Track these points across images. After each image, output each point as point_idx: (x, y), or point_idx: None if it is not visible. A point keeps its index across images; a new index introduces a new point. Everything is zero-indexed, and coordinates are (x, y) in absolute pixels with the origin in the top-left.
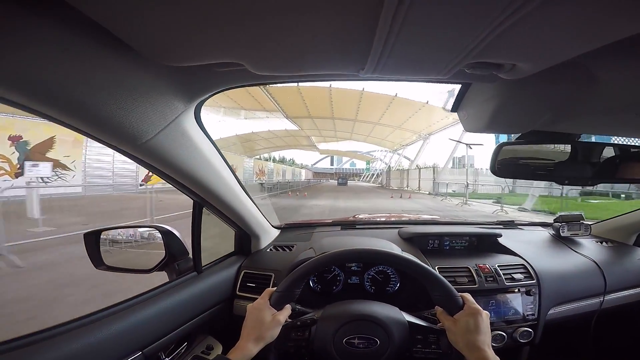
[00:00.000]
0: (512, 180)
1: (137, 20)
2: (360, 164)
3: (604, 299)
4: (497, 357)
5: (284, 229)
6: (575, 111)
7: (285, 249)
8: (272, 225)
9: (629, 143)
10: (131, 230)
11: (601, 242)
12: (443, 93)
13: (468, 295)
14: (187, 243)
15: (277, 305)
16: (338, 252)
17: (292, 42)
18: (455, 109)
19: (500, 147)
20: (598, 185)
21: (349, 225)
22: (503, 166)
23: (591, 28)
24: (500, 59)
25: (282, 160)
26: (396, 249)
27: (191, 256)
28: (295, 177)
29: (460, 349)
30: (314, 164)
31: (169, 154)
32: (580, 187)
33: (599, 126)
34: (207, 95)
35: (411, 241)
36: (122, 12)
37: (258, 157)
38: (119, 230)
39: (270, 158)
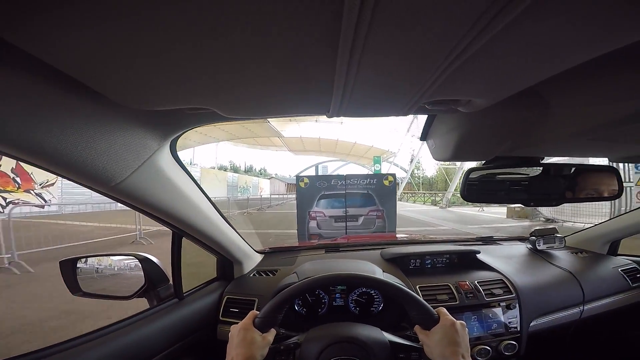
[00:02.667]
0: None
1: (105, 70)
2: (354, 168)
3: (584, 309)
4: None
5: (268, 253)
6: (533, 137)
7: (269, 273)
8: (255, 250)
9: (589, 163)
10: (110, 258)
11: (576, 253)
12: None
13: (443, 309)
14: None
15: (261, 328)
16: (316, 278)
17: (257, 91)
18: (423, 138)
19: (469, 173)
20: None
21: (333, 248)
22: (472, 190)
23: (537, 61)
24: (454, 96)
25: (249, 170)
26: (377, 271)
27: (172, 283)
28: (242, 190)
29: None
30: (301, 173)
31: (144, 193)
32: None
33: (557, 150)
34: (181, 132)
35: (393, 262)
36: (87, 63)
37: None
38: (97, 257)
39: (231, 166)
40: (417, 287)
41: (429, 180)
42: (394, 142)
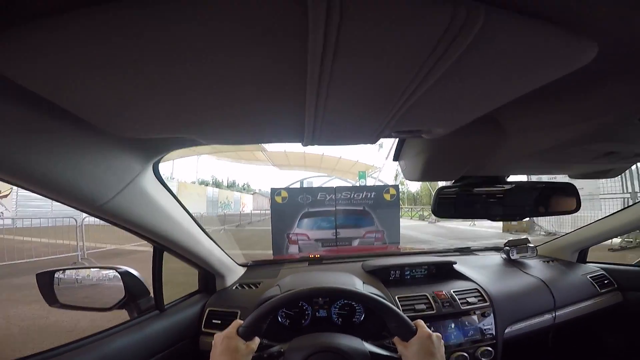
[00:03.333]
0: None
1: (89, 100)
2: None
3: (556, 315)
4: None
5: (250, 266)
6: (493, 159)
7: (252, 286)
8: (237, 264)
9: (549, 180)
10: (89, 271)
11: (547, 262)
12: None
13: (420, 322)
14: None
15: (245, 337)
16: (299, 291)
17: (235, 121)
18: (396, 158)
19: (439, 191)
20: None
21: (316, 260)
22: (442, 208)
23: (485, 92)
24: (416, 126)
25: (232, 185)
26: (358, 283)
27: (153, 295)
28: (223, 206)
29: None
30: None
31: (129, 212)
32: None
33: (517, 169)
34: (163, 155)
35: (374, 273)
36: (72, 94)
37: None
38: (76, 270)
39: (213, 181)
40: (397, 297)
41: (413, 195)
42: (379, 158)
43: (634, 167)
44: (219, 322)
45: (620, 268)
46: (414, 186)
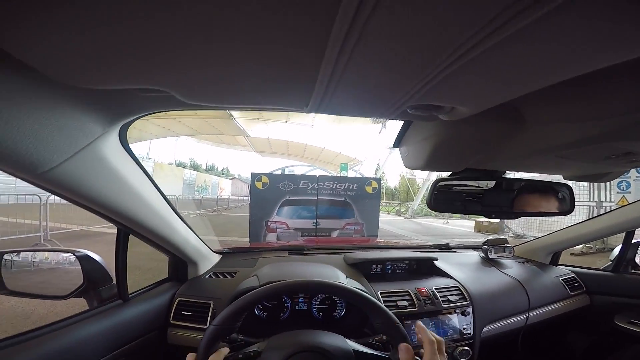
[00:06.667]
0: None
1: (36, 39)
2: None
3: (529, 315)
4: None
5: (227, 254)
6: (505, 151)
7: (227, 275)
8: (212, 251)
9: (547, 179)
10: (47, 254)
11: (523, 262)
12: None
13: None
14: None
15: (210, 347)
16: (280, 285)
17: (225, 73)
18: (396, 145)
19: (436, 183)
20: None
21: (296, 250)
22: (438, 201)
23: (528, 73)
24: (441, 102)
25: (211, 169)
26: (341, 276)
27: (116, 283)
28: (200, 190)
29: None
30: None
31: (80, 183)
32: None
33: (523, 165)
34: (133, 118)
35: (356, 267)
36: (10, 28)
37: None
38: (29, 253)
39: (191, 164)
40: (379, 292)
41: (392, 190)
42: (362, 150)
43: None
44: (190, 313)
45: (588, 272)
46: (393, 181)
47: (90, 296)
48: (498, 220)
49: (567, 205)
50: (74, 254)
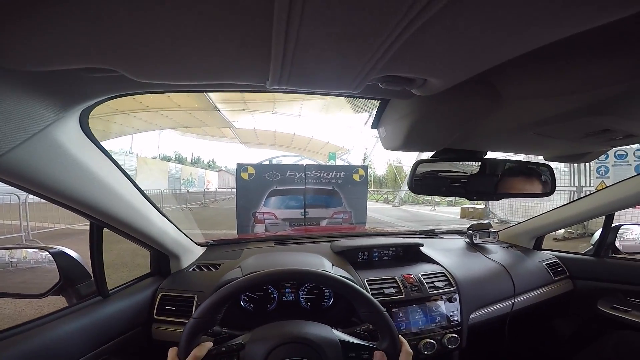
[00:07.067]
0: None
1: None
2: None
3: (515, 301)
4: None
5: (211, 246)
6: (483, 129)
7: (211, 268)
8: (195, 243)
9: (529, 160)
10: (25, 252)
11: (507, 247)
12: None
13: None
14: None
15: (191, 340)
16: (260, 274)
17: (172, 50)
18: (375, 125)
19: (417, 164)
20: None
21: (282, 240)
22: (419, 182)
23: (493, 43)
24: (409, 72)
25: (197, 162)
26: (327, 264)
27: (94, 279)
28: (186, 183)
29: None
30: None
31: (36, 171)
32: None
33: (502, 144)
34: (91, 104)
35: (343, 254)
36: None
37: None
38: (10, 252)
39: (176, 157)
40: (365, 280)
41: (379, 178)
42: (349, 139)
43: (581, 164)
44: (173, 308)
45: (571, 256)
46: (381, 170)
47: (68, 294)
48: (483, 206)
49: (548, 186)
50: (48, 251)
